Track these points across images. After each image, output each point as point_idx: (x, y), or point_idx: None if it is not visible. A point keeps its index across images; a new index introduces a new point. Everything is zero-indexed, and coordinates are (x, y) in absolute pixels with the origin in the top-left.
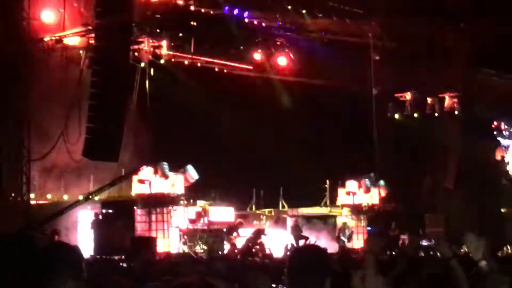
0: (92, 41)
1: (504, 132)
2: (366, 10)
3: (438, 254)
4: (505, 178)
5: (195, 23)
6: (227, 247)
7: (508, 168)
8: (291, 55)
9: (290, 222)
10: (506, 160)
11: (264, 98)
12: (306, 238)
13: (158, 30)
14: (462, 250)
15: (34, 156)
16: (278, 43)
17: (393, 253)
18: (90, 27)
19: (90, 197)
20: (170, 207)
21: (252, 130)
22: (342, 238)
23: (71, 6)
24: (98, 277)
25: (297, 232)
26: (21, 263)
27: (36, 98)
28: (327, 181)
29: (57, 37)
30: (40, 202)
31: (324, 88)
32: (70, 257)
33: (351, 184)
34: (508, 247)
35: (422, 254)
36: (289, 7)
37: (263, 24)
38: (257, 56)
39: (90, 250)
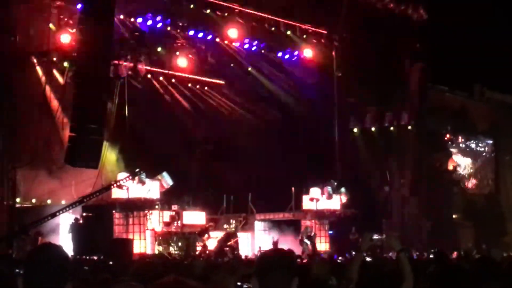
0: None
1: (460, 145)
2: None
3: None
4: (456, 187)
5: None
6: (199, 248)
7: (459, 177)
8: (259, 70)
9: (258, 226)
10: (458, 170)
11: (234, 109)
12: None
13: (137, 46)
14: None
15: (19, 163)
16: (248, 60)
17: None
18: (73, 43)
19: (85, 200)
20: (146, 211)
21: (223, 140)
22: (306, 241)
23: (57, 21)
24: (78, 276)
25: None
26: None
27: (22, 108)
28: (292, 188)
29: (43, 51)
30: (25, 205)
31: (290, 102)
32: (59, 257)
33: (315, 191)
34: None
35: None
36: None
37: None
38: (229, 72)
39: (70, 251)
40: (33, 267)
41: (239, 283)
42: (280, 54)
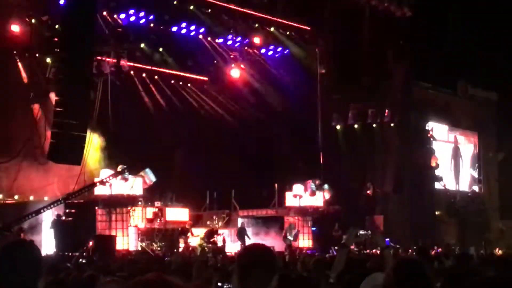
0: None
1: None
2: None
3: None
4: (439, 183)
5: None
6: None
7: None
8: (243, 67)
9: (241, 222)
10: (440, 166)
11: (218, 105)
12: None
13: (120, 42)
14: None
15: (2, 159)
16: (232, 56)
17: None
18: (56, 39)
19: (71, 198)
20: (129, 208)
21: (207, 136)
22: (289, 237)
23: (39, 18)
24: (59, 273)
25: (241, 235)
26: None
27: (4, 104)
28: (276, 185)
29: (25, 47)
30: (8, 202)
31: (274, 98)
32: (30, 255)
33: (298, 188)
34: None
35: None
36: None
37: (218, 41)
38: (212, 68)
39: (53, 247)
40: (3, 264)
41: (219, 284)
42: (263, 50)
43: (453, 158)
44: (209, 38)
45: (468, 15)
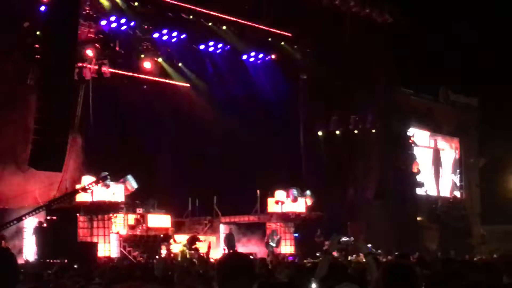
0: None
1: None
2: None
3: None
4: (421, 189)
5: None
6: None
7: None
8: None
9: (223, 229)
10: (421, 172)
11: (200, 112)
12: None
13: (101, 48)
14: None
15: None
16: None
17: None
18: (37, 46)
19: (53, 205)
20: (111, 214)
21: (189, 143)
22: (271, 243)
23: (20, 24)
24: (40, 280)
25: (229, 241)
26: None
27: None
28: (258, 191)
29: (6, 52)
30: None
31: (256, 105)
32: (5, 261)
33: (280, 194)
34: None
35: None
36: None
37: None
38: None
39: (34, 254)
40: None
41: None
42: (245, 57)
43: (434, 164)
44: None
45: (450, 22)
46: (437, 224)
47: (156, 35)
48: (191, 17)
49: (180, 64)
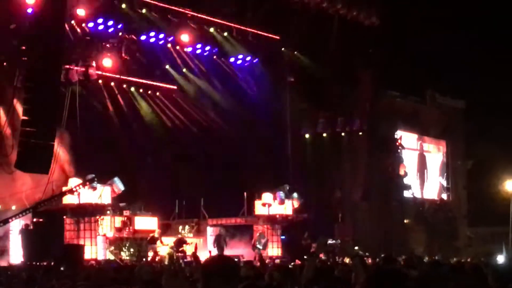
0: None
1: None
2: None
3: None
4: (408, 191)
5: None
6: (151, 254)
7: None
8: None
9: (210, 231)
10: (408, 174)
11: (187, 114)
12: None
13: (88, 50)
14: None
15: None
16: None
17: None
18: (23, 47)
19: (39, 207)
20: (97, 217)
21: (176, 145)
22: (258, 246)
23: (7, 26)
24: (27, 282)
25: (219, 242)
26: None
27: None
28: (245, 193)
29: None
30: None
31: (243, 107)
32: None
33: (267, 196)
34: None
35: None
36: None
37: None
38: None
39: (20, 256)
40: None
41: None
42: (232, 59)
43: (419, 166)
44: (177, 47)
45: (436, 24)
46: (424, 226)
47: (143, 37)
48: (176, 20)
49: (167, 67)
